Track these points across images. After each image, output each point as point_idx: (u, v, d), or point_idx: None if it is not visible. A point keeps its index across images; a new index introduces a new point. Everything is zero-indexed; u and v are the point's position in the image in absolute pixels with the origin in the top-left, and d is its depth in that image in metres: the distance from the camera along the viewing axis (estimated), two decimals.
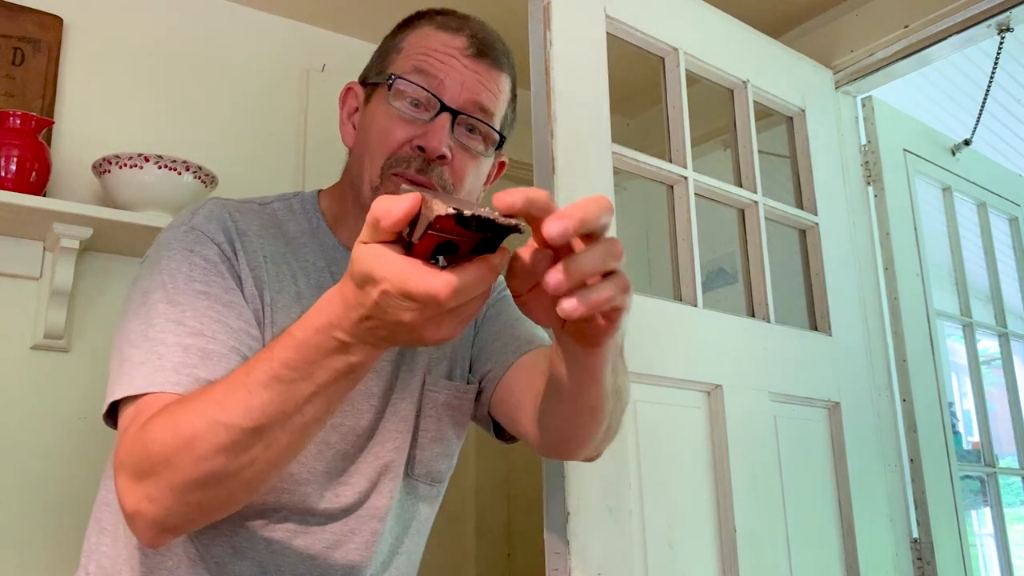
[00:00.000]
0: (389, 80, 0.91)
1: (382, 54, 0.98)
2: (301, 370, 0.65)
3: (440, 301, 0.58)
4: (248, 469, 0.68)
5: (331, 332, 0.63)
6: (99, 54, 1.68)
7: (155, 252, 0.88)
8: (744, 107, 1.61)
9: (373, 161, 0.91)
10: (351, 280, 0.61)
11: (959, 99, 2.63)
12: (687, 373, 1.34)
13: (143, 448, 0.70)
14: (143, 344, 0.79)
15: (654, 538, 1.22)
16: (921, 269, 1.89)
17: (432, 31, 0.94)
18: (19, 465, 1.47)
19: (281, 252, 0.93)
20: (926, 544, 1.69)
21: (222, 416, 0.66)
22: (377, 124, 0.92)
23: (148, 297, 0.82)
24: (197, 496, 0.69)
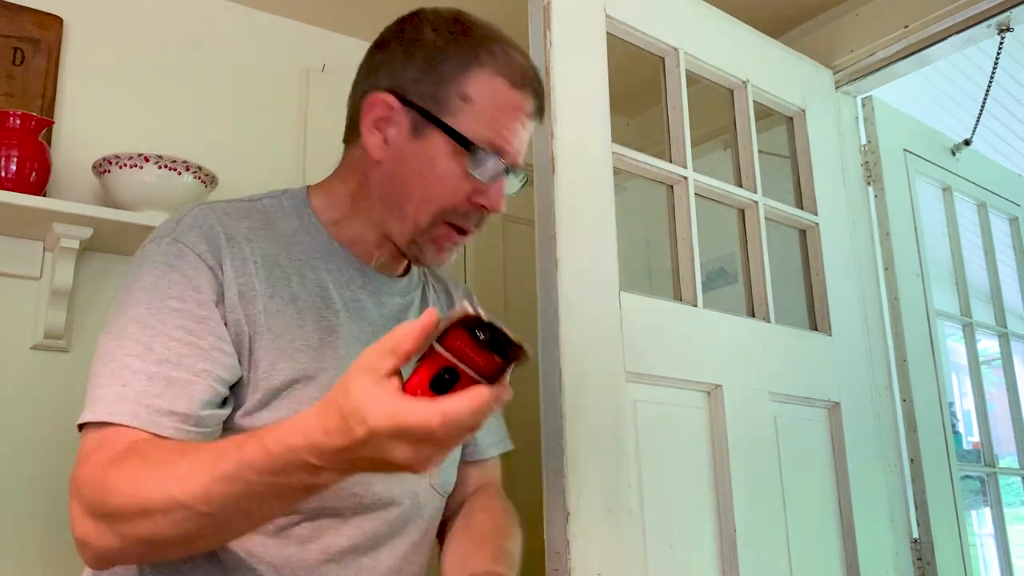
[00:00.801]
0: (473, 149, 0.89)
1: (437, 82, 0.90)
2: (266, 477, 0.65)
3: (434, 431, 0.58)
4: (198, 541, 0.72)
5: (304, 455, 0.63)
6: (99, 54, 1.68)
7: (138, 263, 0.87)
8: (744, 107, 1.61)
9: (425, 205, 0.91)
10: (338, 409, 0.61)
11: (959, 99, 2.63)
12: (687, 373, 1.34)
13: (101, 493, 0.73)
14: (110, 364, 0.80)
15: (654, 538, 1.22)
16: (921, 269, 1.89)
17: (502, 85, 0.91)
18: (19, 465, 1.46)
19: (274, 253, 0.91)
20: (926, 544, 1.69)
21: (181, 496, 0.68)
22: (439, 173, 0.90)
23: (124, 312, 0.82)
24: (144, 548, 0.73)
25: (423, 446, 0.60)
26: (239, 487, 0.66)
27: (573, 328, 1.18)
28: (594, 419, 1.17)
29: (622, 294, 1.27)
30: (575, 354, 1.17)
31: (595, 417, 1.17)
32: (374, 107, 0.92)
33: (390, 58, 0.94)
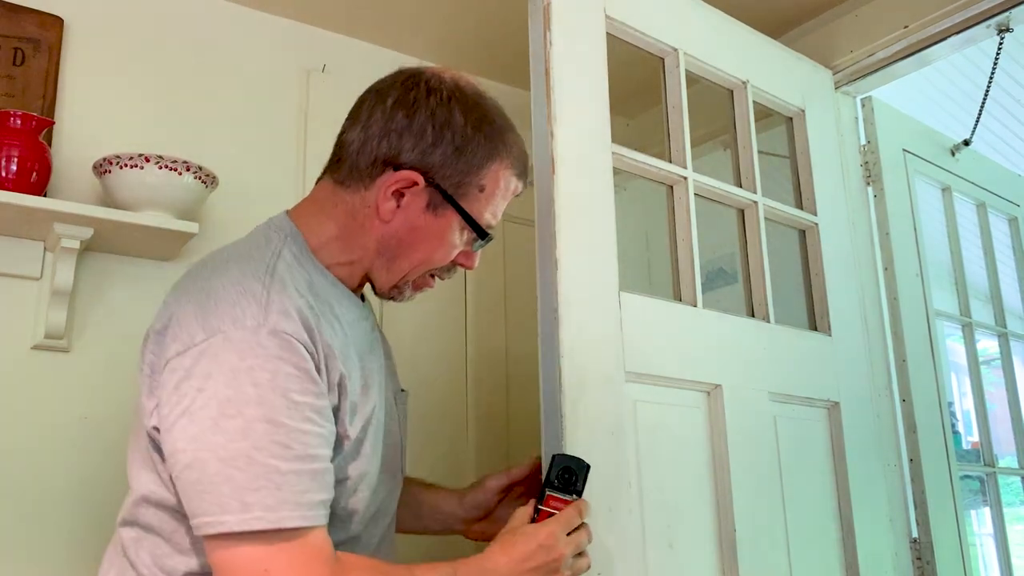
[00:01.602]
0: (483, 234, 1.04)
1: (463, 171, 1.00)
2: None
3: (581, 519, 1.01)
4: None
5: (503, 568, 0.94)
6: (99, 54, 1.68)
7: (233, 355, 0.84)
8: (744, 107, 1.61)
9: (423, 265, 1.04)
10: (514, 539, 0.96)
11: (959, 99, 2.63)
12: (687, 373, 1.34)
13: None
14: (251, 468, 0.81)
15: (654, 538, 1.22)
16: (921, 269, 1.89)
17: (511, 177, 1.05)
18: (19, 465, 1.47)
19: (318, 305, 0.95)
20: (926, 544, 1.69)
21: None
22: (443, 246, 1.03)
23: (242, 411, 0.82)
24: None
25: (561, 539, 0.97)
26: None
27: (573, 328, 1.18)
28: (593, 419, 1.17)
29: (622, 294, 1.27)
30: (575, 354, 1.17)
31: (594, 417, 1.18)
32: (397, 181, 0.99)
33: (419, 133, 0.99)
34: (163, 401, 0.87)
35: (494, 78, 2.17)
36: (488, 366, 2.05)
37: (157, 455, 0.91)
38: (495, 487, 1.21)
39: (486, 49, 2.04)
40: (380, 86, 1.04)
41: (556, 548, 0.96)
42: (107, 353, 1.57)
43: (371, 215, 1.00)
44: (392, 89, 1.01)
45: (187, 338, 0.87)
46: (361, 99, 1.05)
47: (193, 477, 0.82)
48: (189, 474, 0.83)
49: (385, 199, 0.99)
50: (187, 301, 0.91)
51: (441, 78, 1.03)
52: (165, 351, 0.89)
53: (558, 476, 1.00)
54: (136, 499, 0.95)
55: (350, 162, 1.01)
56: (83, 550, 1.48)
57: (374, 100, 1.02)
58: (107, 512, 1.51)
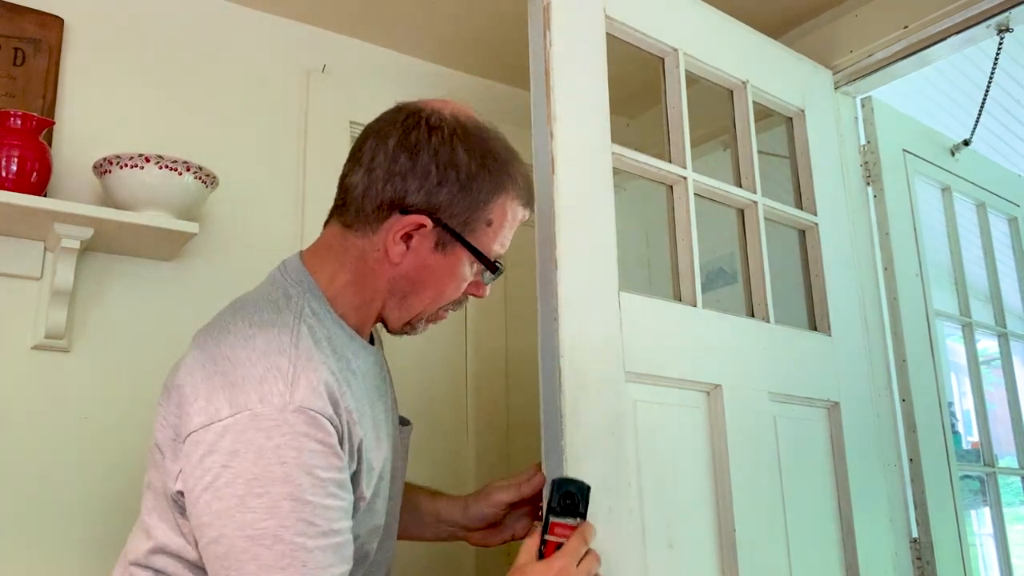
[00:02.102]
0: (495, 267, 1.05)
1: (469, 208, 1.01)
2: None
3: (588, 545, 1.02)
4: None
5: None
6: (99, 54, 1.68)
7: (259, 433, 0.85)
8: (744, 107, 1.61)
9: (436, 302, 1.05)
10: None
11: (959, 99, 2.63)
12: (687, 373, 1.34)
13: None
14: (277, 546, 0.82)
15: (654, 538, 1.22)
16: (920, 269, 1.89)
17: (517, 208, 1.06)
18: (19, 465, 1.47)
19: (342, 370, 0.96)
20: (926, 544, 1.69)
21: None
22: (455, 280, 1.04)
23: (268, 489, 0.83)
24: None
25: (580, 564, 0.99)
26: None
27: (573, 328, 1.18)
28: (593, 419, 1.17)
29: (622, 294, 1.27)
30: (575, 354, 1.17)
31: (594, 417, 1.18)
32: (405, 225, 0.99)
33: (424, 174, 0.99)
34: (187, 472, 0.87)
35: (494, 78, 2.17)
36: (488, 366, 2.05)
37: (180, 516, 0.92)
38: (502, 502, 1.21)
39: (486, 49, 2.04)
40: (380, 126, 1.03)
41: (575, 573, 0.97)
42: (107, 353, 1.57)
43: (381, 258, 1.01)
44: (393, 129, 1.01)
45: (213, 412, 0.87)
46: (361, 139, 1.04)
47: (220, 552, 0.83)
48: (216, 549, 0.84)
49: (394, 243, 0.99)
50: (212, 369, 0.90)
51: (442, 115, 1.01)
52: (188, 421, 0.89)
53: (559, 502, 1.01)
54: (153, 547, 0.94)
55: (356, 206, 1.01)
56: (83, 550, 1.48)
57: (375, 142, 1.01)
58: (107, 512, 1.51)
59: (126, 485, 1.53)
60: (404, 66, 2.03)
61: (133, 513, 1.50)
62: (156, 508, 0.95)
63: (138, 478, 1.52)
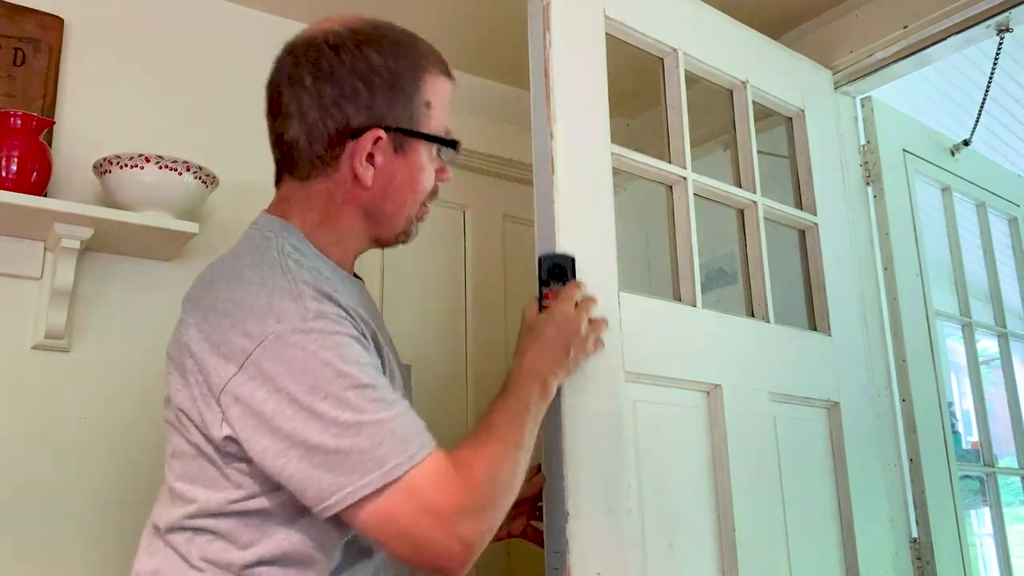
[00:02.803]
0: (452, 145, 1.06)
1: (404, 102, 1.01)
2: (531, 403, 1.02)
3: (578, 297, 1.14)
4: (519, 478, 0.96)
5: (525, 370, 1.04)
6: (100, 54, 1.68)
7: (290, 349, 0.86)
8: (743, 107, 1.61)
9: (417, 201, 1.06)
10: (523, 339, 1.08)
11: (958, 99, 2.63)
12: (687, 373, 1.34)
13: (470, 493, 0.88)
14: (363, 432, 0.85)
15: (654, 538, 1.22)
16: (920, 269, 1.89)
17: (442, 81, 1.06)
18: (19, 465, 1.47)
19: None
20: (925, 544, 1.69)
21: (514, 441, 0.97)
22: (424, 173, 1.05)
23: (329, 390, 0.85)
24: (499, 515, 0.93)
25: (577, 312, 1.11)
26: (526, 419, 0.99)
27: None
28: (593, 419, 1.17)
29: (621, 294, 1.27)
30: None
31: (594, 417, 1.18)
32: (364, 146, 0.99)
33: (353, 93, 0.99)
34: (236, 418, 0.87)
35: (494, 78, 2.17)
36: (488, 365, 2.05)
37: (227, 466, 0.91)
38: None
39: (486, 49, 2.04)
40: (287, 73, 1.03)
41: (571, 319, 1.10)
42: (107, 353, 1.57)
43: (351, 189, 1.01)
44: (301, 69, 1.01)
45: (238, 352, 0.87)
46: (275, 94, 1.04)
47: (315, 463, 0.84)
48: (304, 467, 0.84)
49: (362, 167, 1.00)
50: (216, 320, 0.91)
51: (336, 32, 1.01)
52: (216, 375, 0.89)
53: (549, 273, 1.14)
54: (193, 511, 0.93)
55: (306, 156, 1.01)
56: (83, 549, 1.48)
57: (292, 90, 1.01)
58: (108, 511, 1.51)
59: (126, 484, 1.53)
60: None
61: (134, 512, 1.51)
62: (187, 473, 0.94)
63: (139, 477, 1.53)
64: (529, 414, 0.99)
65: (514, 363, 1.05)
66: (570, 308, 1.11)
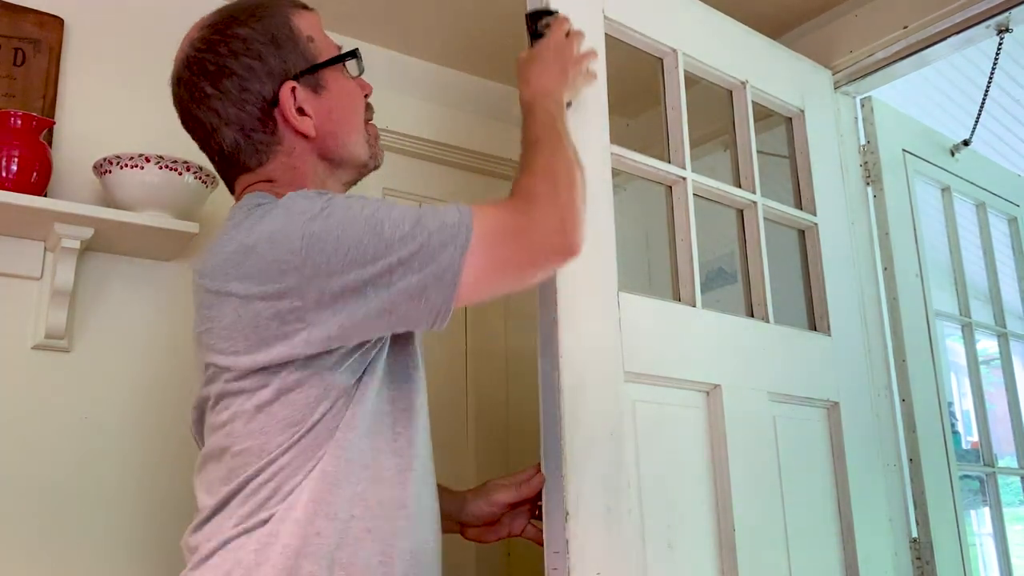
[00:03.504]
0: (354, 54, 1.10)
1: (293, 48, 1.06)
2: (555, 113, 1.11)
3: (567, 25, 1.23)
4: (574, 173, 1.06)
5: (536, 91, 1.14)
6: (100, 54, 1.68)
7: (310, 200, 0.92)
8: (743, 108, 1.61)
9: (360, 124, 1.11)
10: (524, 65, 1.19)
11: (958, 99, 2.63)
12: (686, 373, 1.34)
13: (544, 180, 1.01)
14: (407, 209, 0.93)
15: (653, 538, 1.22)
16: (920, 269, 1.89)
17: (308, 15, 1.10)
18: (19, 466, 1.47)
19: None
20: (925, 544, 1.69)
21: (560, 136, 1.07)
22: (351, 95, 1.11)
23: (364, 204, 0.92)
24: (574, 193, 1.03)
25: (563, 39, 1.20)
26: (547, 121, 1.08)
27: (572, 328, 1.18)
28: (593, 419, 1.17)
29: (621, 294, 1.27)
30: (574, 354, 1.18)
31: (594, 417, 1.18)
32: (287, 104, 1.04)
33: (247, 69, 1.04)
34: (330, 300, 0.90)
35: (494, 78, 2.17)
36: (488, 366, 2.05)
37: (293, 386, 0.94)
38: (502, 501, 1.21)
39: (486, 49, 2.04)
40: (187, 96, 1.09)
41: (565, 44, 1.19)
42: (107, 353, 1.57)
43: (302, 145, 1.06)
44: (196, 83, 1.07)
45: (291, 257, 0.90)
46: (191, 121, 1.11)
47: (414, 268, 0.89)
48: (410, 280, 0.89)
49: (299, 122, 1.04)
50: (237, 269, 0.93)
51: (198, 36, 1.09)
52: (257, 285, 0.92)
53: (535, 24, 1.23)
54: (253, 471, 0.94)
55: (252, 147, 1.05)
56: (84, 549, 1.48)
57: (196, 104, 1.08)
58: (108, 511, 1.51)
59: (127, 484, 1.53)
60: (404, 66, 2.03)
61: (135, 512, 1.51)
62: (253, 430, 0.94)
63: (139, 477, 1.53)
64: (557, 119, 1.09)
65: (521, 91, 1.14)
66: (562, 36, 1.20)
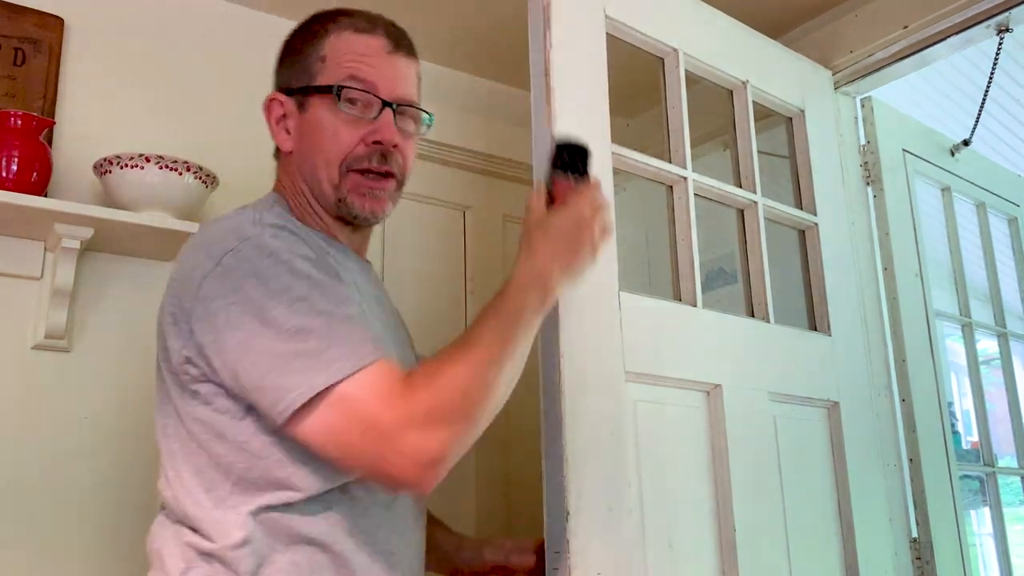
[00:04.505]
0: (336, 90, 1.01)
1: (303, 63, 1.05)
2: (520, 302, 0.93)
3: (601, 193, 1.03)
4: (497, 391, 0.89)
5: (527, 275, 0.95)
6: (100, 54, 1.68)
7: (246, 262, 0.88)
8: (744, 107, 1.61)
9: (330, 165, 1.02)
10: (529, 235, 0.98)
11: (958, 99, 2.63)
12: (687, 373, 1.34)
13: (428, 400, 0.83)
14: (309, 338, 0.84)
15: (654, 538, 1.22)
16: (920, 269, 1.89)
17: (351, 35, 1.04)
18: (20, 466, 1.47)
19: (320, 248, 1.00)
20: (925, 544, 1.69)
21: (486, 348, 0.88)
22: (325, 130, 1.02)
23: (280, 298, 0.86)
24: (470, 425, 0.87)
25: (591, 209, 1.01)
26: (509, 320, 0.90)
27: (573, 328, 1.18)
28: (593, 419, 1.17)
29: (622, 294, 1.27)
30: (575, 354, 1.18)
31: (594, 417, 1.18)
32: (272, 111, 1.06)
33: (274, 75, 1.11)
34: (201, 332, 0.89)
35: (494, 78, 2.17)
36: None
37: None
38: (491, 562, 1.22)
39: (486, 49, 2.04)
40: None
41: (587, 222, 1.00)
42: (107, 353, 1.57)
43: (287, 160, 1.07)
44: None
45: (199, 274, 0.90)
46: None
47: (263, 368, 0.84)
48: (254, 372, 0.85)
49: (277, 133, 1.06)
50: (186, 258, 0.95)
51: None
52: (184, 299, 0.91)
53: (562, 158, 1.05)
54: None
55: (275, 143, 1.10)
56: (84, 548, 1.48)
57: None
58: (108, 511, 1.51)
59: (127, 484, 1.53)
60: None
61: (134, 512, 1.51)
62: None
63: (139, 477, 1.53)
64: (522, 322, 0.92)
65: (521, 260, 0.97)
66: (586, 208, 1.01)
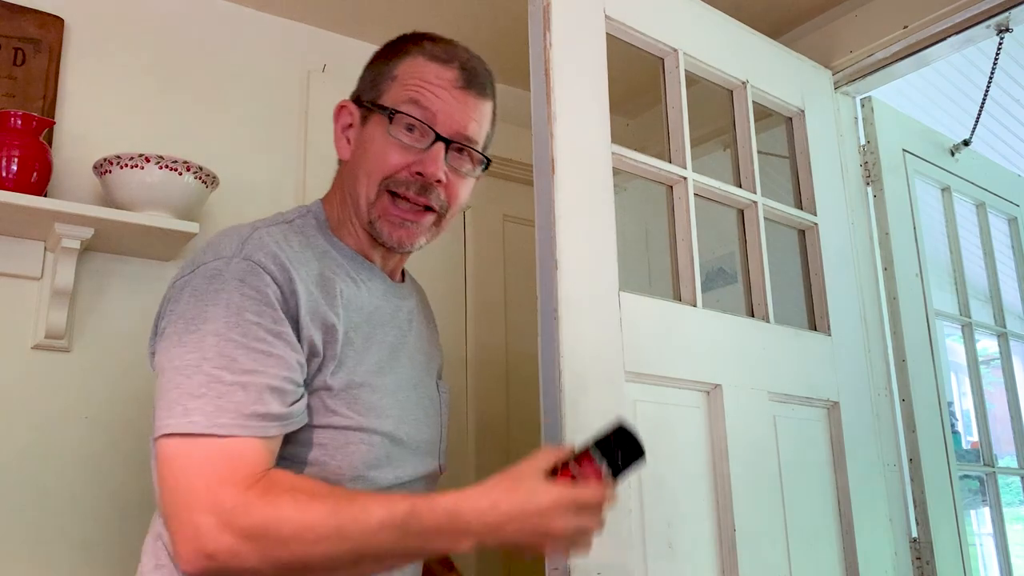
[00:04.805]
0: (389, 113, 1.02)
1: (376, 78, 1.07)
2: (423, 533, 0.80)
3: (602, 503, 0.83)
4: (330, 572, 0.80)
5: (468, 521, 0.80)
6: (100, 54, 1.68)
7: (204, 280, 0.90)
8: (743, 107, 1.61)
9: (370, 179, 1.03)
10: (510, 489, 0.81)
11: (958, 99, 2.63)
12: (687, 373, 1.34)
13: (258, 515, 0.77)
14: (195, 376, 0.84)
15: (654, 538, 1.22)
16: (920, 269, 1.89)
17: (424, 62, 1.05)
18: (20, 466, 1.47)
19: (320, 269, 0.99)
20: (925, 544, 1.69)
21: (350, 531, 0.78)
22: (375, 147, 1.03)
23: (199, 327, 0.87)
24: (282, 571, 0.78)
25: (579, 515, 0.81)
26: (395, 536, 0.78)
27: (573, 328, 1.18)
28: (593, 419, 1.17)
29: (622, 294, 1.27)
30: (575, 354, 1.18)
31: (594, 417, 1.17)
32: (339, 116, 1.09)
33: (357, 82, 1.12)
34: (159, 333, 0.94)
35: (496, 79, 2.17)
36: (488, 366, 2.05)
37: None
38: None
39: (486, 49, 2.03)
40: None
41: (571, 523, 0.81)
42: (107, 353, 1.57)
43: (343, 166, 1.09)
44: None
45: (177, 276, 0.95)
46: None
47: (158, 386, 0.87)
48: (158, 385, 0.88)
49: (338, 140, 1.09)
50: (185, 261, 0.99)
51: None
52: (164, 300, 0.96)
53: (609, 440, 0.87)
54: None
55: None
56: (83, 549, 1.48)
57: None
58: (108, 512, 1.51)
59: (127, 485, 1.53)
60: None
61: (134, 512, 1.51)
62: None
63: (139, 477, 1.53)
64: (428, 549, 0.82)
65: (469, 491, 0.82)
66: (575, 508, 0.82)
